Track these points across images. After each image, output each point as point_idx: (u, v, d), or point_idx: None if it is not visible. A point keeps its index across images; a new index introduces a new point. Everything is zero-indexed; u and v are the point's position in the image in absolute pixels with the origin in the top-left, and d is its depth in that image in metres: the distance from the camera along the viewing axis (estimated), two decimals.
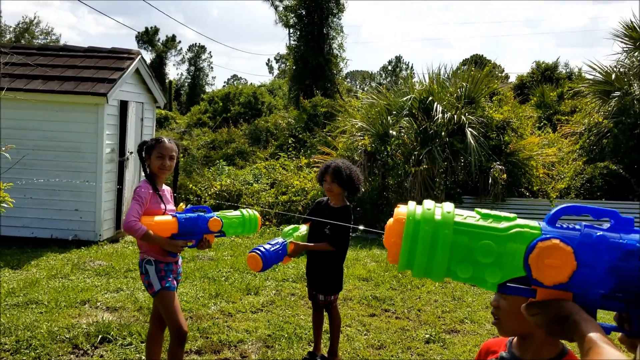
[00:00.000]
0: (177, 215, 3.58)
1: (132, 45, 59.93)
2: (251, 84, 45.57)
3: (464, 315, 5.58)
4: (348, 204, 4.29)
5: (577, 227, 1.18)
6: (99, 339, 4.59)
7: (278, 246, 3.97)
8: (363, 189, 4.53)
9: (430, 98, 10.73)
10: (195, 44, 68.04)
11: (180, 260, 3.80)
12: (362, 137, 10.93)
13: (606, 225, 1.18)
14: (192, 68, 63.26)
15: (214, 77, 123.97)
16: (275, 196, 11.37)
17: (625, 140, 10.59)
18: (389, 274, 7.09)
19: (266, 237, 9.82)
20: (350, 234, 4.34)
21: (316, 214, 4.27)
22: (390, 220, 1.24)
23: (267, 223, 10.80)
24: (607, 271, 1.13)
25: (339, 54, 27.21)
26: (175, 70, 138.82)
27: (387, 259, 1.29)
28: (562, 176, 11.32)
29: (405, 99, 10.91)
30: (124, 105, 9.19)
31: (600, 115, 11.45)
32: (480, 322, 5.41)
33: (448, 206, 1.22)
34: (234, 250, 8.41)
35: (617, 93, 10.95)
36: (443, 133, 10.31)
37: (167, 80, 49.37)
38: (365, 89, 37.62)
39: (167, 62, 60.78)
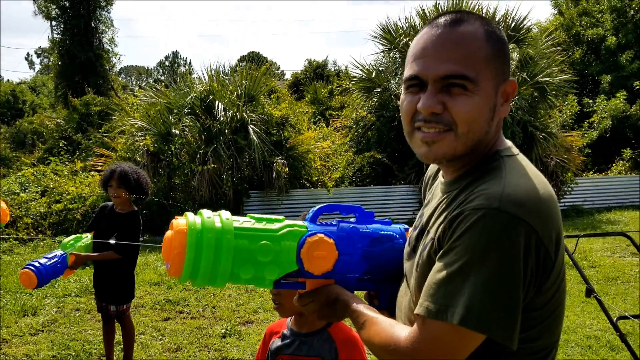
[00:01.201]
0: None
1: None
2: (8, 80, 40.56)
3: (257, 306, 5.79)
4: (135, 208, 4.16)
5: (333, 222, 1.37)
6: None
7: (56, 259, 3.69)
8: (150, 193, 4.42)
9: (211, 96, 10.79)
10: None
11: None
12: (143, 137, 10.54)
13: (352, 219, 1.40)
14: None
15: None
16: (48, 205, 10.36)
17: (387, 132, 11.92)
18: None
19: (40, 251, 8.93)
20: (141, 239, 4.20)
21: (100, 220, 4.07)
22: (169, 233, 1.26)
23: (41, 235, 9.82)
24: (360, 257, 1.33)
25: (110, 49, 25.69)
26: None
27: (168, 273, 1.29)
28: (337, 167, 12.33)
29: (187, 98, 10.79)
30: None
31: (365, 110, 12.70)
32: (272, 310, 5.67)
33: (225, 213, 1.29)
34: (2, 270, 7.50)
35: (378, 89, 12.25)
36: (227, 131, 10.46)
37: None
38: (142, 85, 36.21)
39: None
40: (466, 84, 1.13)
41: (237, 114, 10.61)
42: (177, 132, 10.55)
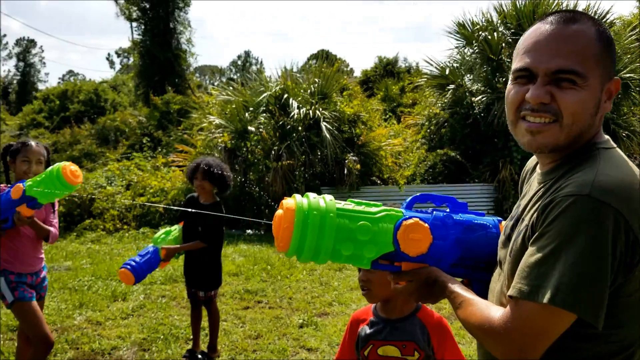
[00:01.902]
0: None
1: None
2: (91, 80, 42.81)
3: (332, 299, 5.92)
4: (218, 199, 4.39)
5: (428, 211, 1.46)
6: None
7: (149, 255, 3.99)
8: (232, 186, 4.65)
9: (286, 95, 11.03)
10: (24, 37, 62.23)
11: (44, 273, 3.62)
12: (220, 134, 10.93)
13: (447, 210, 1.48)
14: (21, 64, 57.75)
15: (47, 74, 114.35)
16: (132, 198, 10.96)
17: (460, 129, 11.76)
18: (258, 267, 7.26)
19: (125, 242, 9.47)
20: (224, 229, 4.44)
21: (188, 208, 4.30)
22: (279, 212, 1.39)
23: (126, 227, 10.40)
24: (454, 243, 1.41)
25: (187, 49, 26.67)
26: (1, 67, 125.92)
27: (277, 248, 1.42)
28: (408, 164, 12.28)
29: (263, 96, 11.09)
30: None
31: (438, 107, 12.58)
32: (347, 303, 5.79)
33: (329, 196, 1.41)
34: (92, 258, 8.02)
35: (452, 86, 12.09)
36: (300, 128, 10.68)
37: None
38: (216, 84, 37.27)
39: None
40: (575, 78, 1.20)
41: (311, 111, 10.80)
42: (253, 129, 10.87)
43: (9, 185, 3.43)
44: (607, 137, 1.29)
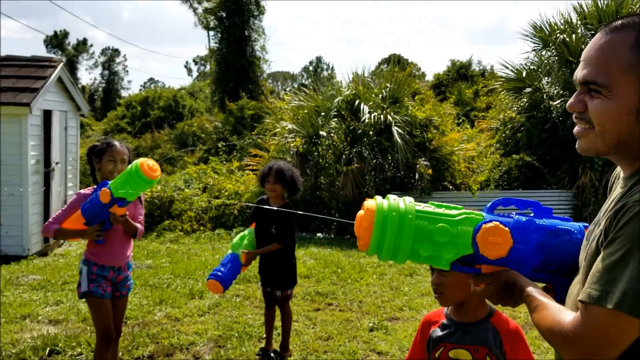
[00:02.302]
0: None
1: (40, 49, 57.11)
2: (169, 87, 44.67)
3: (403, 304, 5.91)
4: (288, 202, 4.51)
5: (512, 215, 1.46)
6: (47, 351, 4.53)
7: (230, 263, 4.21)
8: (301, 190, 4.77)
9: (357, 100, 11.09)
10: (109, 47, 65.77)
11: (128, 272, 3.82)
12: (293, 139, 11.14)
13: (530, 214, 1.48)
14: (106, 72, 61.07)
15: (129, 81, 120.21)
16: (208, 201, 11.36)
17: (537, 134, 11.39)
18: (329, 270, 7.34)
19: (201, 242, 9.83)
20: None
21: (260, 211, 4.42)
22: (361, 212, 1.46)
23: (202, 228, 10.79)
24: (535, 247, 1.41)
25: (261, 56, 27.32)
26: (88, 75, 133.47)
27: (358, 247, 1.48)
28: (482, 169, 12.03)
29: (335, 101, 11.21)
30: (47, 115, 8.90)
31: (514, 111, 12.24)
32: (417, 308, 5.76)
33: (409, 198, 1.46)
34: (171, 257, 8.38)
35: (528, 89, 11.74)
36: (371, 132, 10.71)
37: (79, 86, 47.39)
38: (288, 89, 37.90)
39: (79, 66, 58.54)
40: (599, 89, 1.24)
41: (382, 116, 10.80)
42: (324, 133, 11.00)
43: (95, 185, 3.67)
44: None
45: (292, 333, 4.98)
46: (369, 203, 1.45)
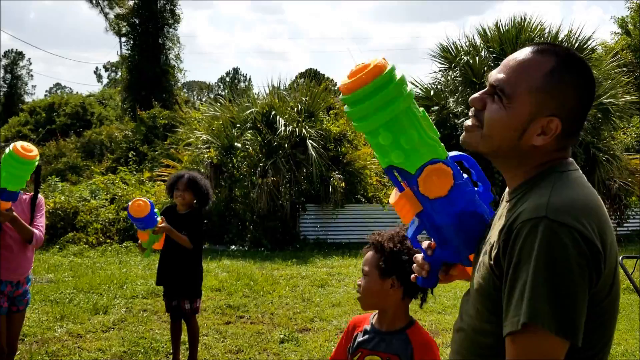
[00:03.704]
0: None
1: None
2: (77, 93, 42.69)
3: (314, 315, 5.96)
4: (197, 208, 4.44)
5: (465, 175, 1.47)
6: None
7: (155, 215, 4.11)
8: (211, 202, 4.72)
9: (272, 112, 11.15)
10: (12, 49, 61.89)
11: (27, 287, 3.63)
12: (207, 150, 11.00)
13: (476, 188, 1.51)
14: (9, 76, 57.40)
15: (34, 86, 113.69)
16: (116, 212, 10.94)
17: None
18: (241, 282, 7.28)
19: (108, 255, 9.45)
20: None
21: (169, 218, 4.30)
22: (368, 62, 1.39)
23: (109, 241, 10.37)
24: (456, 213, 1.42)
25: (176, 65, 26.79)
26: None
27: (340, 86, 1.41)
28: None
29: (248, 112, 11.20)
30: None
31: None
32: (328, 319, 5.83)
33: (412, 89, 1.41)
34: (74, 271, 7.99)
35: (436, 107, 12.29)
36: (286, 145, 10.78)
37: None
38: (204, 100, 37.34)
39: None
40: (503, 97, 1.31)
41: (297, 129, 10.92)
42: (239, 145, 10.95)
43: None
44: (569, 160, 1.35)
45: (201, 347, 4.89)
46: (383, 61, 1.38)
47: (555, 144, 1.32)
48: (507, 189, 1.42)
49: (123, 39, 28.15)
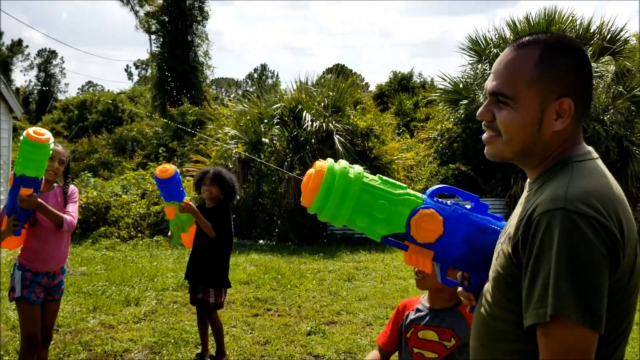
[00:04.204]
0: None
1: None
2: (109, 91, 43.46)
3: (340, 308, 6.00)
4: (224, 201, 4.52)
5: (449, 203, 1.52)
6: None
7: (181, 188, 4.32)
8: (237, 197, 4.79)
9: (299, 107, 11.19)
10: (45, 48, 63.30)
11: (62, 277, 3.74)
12: (235, 145, 11.10)
13: (468, 206, 1.55)
14: (42, 74, 58.78)
15: (67, 84, 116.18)
16: (146, 207, 11.14)
17: (473, 144, 11.82)
18: (269, 276, 7.36)
19: (139, 249, 9.63)
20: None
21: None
22: (311, 170, 1.50)
23: (140, 235, 10.57)
24: (462, 240, 1.48)
25: (204, 62, 27.06)
26: (22, 77, 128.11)
27: (301, 202, 1.52)
28: (420, 178, 12.35)
29: (275, 106, 11.27)
30: None
31: (451, 122, 12.66)
32: (354, 312, 5.86)
33: (358, 168, 1.50)
34: (106, 264, 8.17)
35: (465, 101, 12.19)
36: (313, 140, 10.81)
37: (13, 87, 45.41)
38: (232, 96, 37.66)
39: (13, 68, 56.12)
40: (506, 100, 1.34)
41: (324, 124, 10.94)
42: (267, 140, 11.03)
43: None
44: (588, 149, 1.37)
45: (230, 338, 4.97)
46: (321, 164, 1.49)
47: (571, 126, 1.34)
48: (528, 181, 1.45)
49: (153, 37, 28.58)
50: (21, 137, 3.28)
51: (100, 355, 4.57)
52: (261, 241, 10.66)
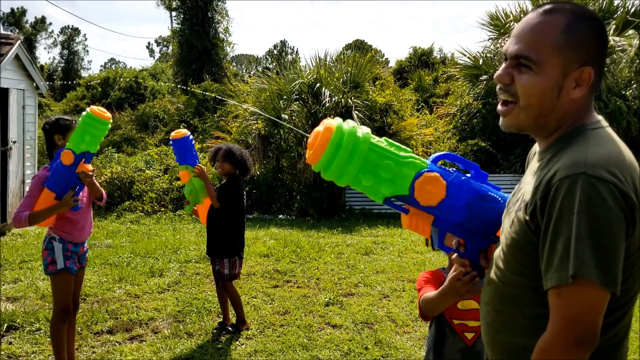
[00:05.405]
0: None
1: None
2: (131, 67, 43.72)
3: (358, 281, 6.14)
4: (235, 175, 4.70)
5: (451, 170, 1.58)
6: (4, 327, 4.58)
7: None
8: (257, 172, 4.96)
9: (318, 83, 11.23)
10: (68, 25, 63.82)
11: (86, 245, 3.88)
12: (255, 122, 11.22)
13: (468, 175, 1.61)
14: (66, 51, 59.34)
15: (90, 61, 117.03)
16: (169, 182, 11.36)
17: (492, 120, 11.75)
18: (288, 249, 7.52)
19: (162, 223, 9.86)
20: (245, 201, 4.76)
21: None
22: (319, 128, 1.53)
23: (163, 209, 10.80)
24: (464, 205, 1.54)
25: (225, 38, 27.05)
26: (46, 54, 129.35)
27: (306, 160, 1.55)
28: None
29: (295, 84, 11.32)
30: (3, 93, 8.75)
31: (471, 97, 12.57)
32: (372, 285, 5.99)
33: (366, 129, 1.54)
34: (131, 237, 8.42)
35: (485, 77, 12.08)
36: (332, 116, 10.84)
37: (38, 65, 45.98)
38: (252, 72, 37.63)
39: (37, 45, 56.76)
40: (530, 64, 1.35)
41: (343, 100, 10.97)
42: (286, 116, 11.12)
43: (48, 163, 3.62)
44: (598, 117, 1.41)
45: (250, 308, 5.15)
46: (329, 122, 1.51)
47: (587, 94, 1.38)
48: (537, 150, 1.48)
49: (174, 14, 28.64)
50: (84, 116, 3.42)
51: (126, 323, 4.78)
52: (281, 216, 10.83)
